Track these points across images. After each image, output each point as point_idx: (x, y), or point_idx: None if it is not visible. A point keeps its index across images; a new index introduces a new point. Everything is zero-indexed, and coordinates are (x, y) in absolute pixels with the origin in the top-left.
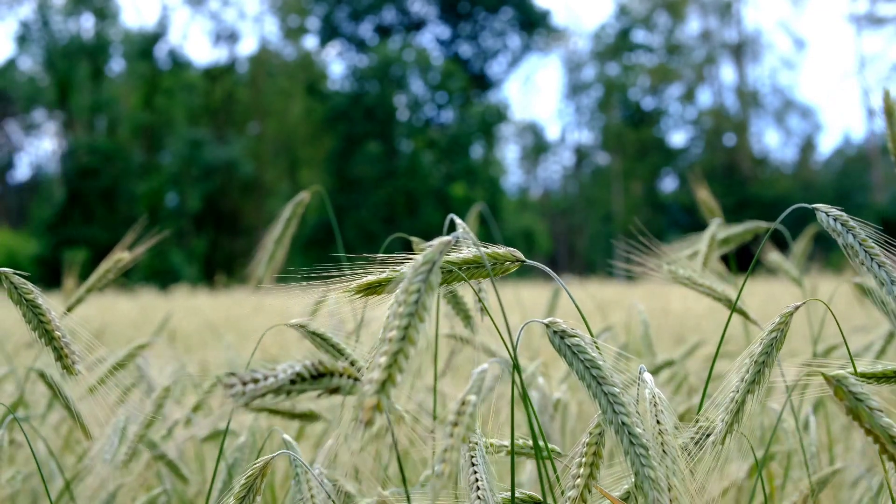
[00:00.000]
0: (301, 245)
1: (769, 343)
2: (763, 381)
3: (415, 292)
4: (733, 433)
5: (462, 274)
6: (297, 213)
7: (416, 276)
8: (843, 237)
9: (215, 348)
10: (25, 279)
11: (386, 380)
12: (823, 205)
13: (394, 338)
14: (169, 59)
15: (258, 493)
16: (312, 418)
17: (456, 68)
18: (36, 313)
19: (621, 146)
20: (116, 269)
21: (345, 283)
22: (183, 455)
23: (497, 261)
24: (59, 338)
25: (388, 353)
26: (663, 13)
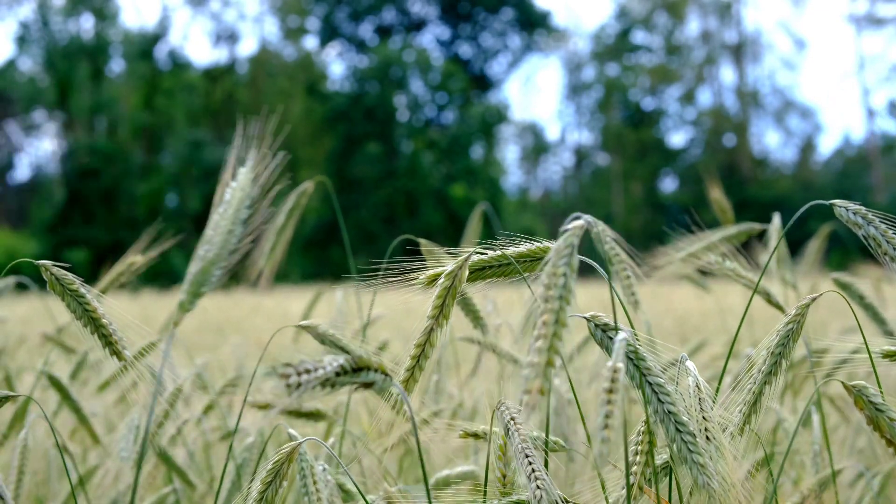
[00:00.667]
0: (301, 246)
1: (786, 334)
2: (779, 372)
3: (561, 275)
4: (751, 424)
5: (518, 267)
6: (300, 203)
7: (560, 259)
8: (864, 229)
9: (221, 349)
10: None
11: (546, 363)
12: (840, 200)
13: (548, 321)
14: (169, 59)
15: (284, 478)
16: (319, 417)
17: (456, 69)
18: (81, 303)
19: (621, 147)
20: (129, 273)
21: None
22: (193, 455)
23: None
24: (107, 325)
25: (544, 337)
26: (663, 14)
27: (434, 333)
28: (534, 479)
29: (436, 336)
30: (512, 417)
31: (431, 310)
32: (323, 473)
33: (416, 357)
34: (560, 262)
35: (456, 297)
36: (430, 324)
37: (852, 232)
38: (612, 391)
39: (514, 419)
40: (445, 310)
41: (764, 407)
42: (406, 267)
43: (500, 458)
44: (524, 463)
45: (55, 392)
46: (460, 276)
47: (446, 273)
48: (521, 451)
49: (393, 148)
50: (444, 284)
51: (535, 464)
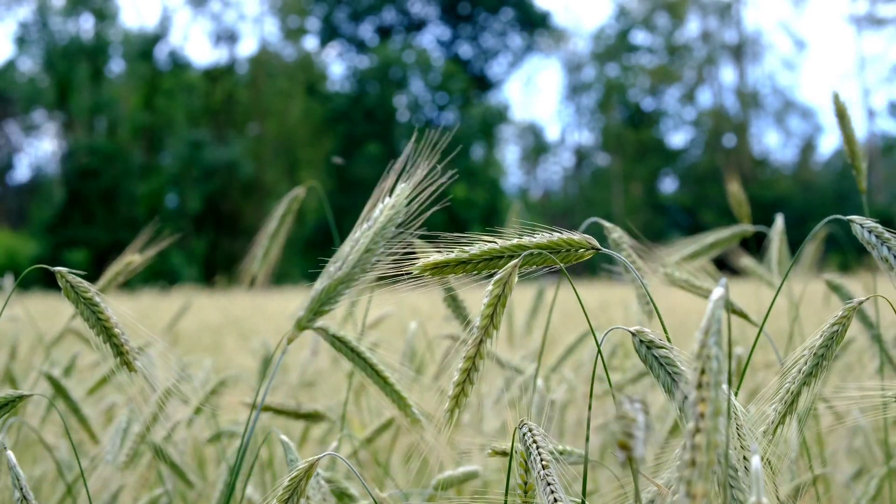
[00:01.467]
0: (300, 247)
1: (830, 336)
2: (820, 374)
3: (714, 358)
4: (785, 424)
5: (542, 255)
6: (293, 208)
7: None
8: (878, 249)
9: (220, 350)
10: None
11: (709, 463)
12: (859, 216)
13: (705, 412)
14: (169, 60)
15: (302, 495)
16: (317, 418)
17: (456, 69)
18: (94, 311)
19: (621, 147)
20: (127, 272)
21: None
22: (183, 456)
23: (571, 247)
24: (119, 335)
25: (703, 431)
26: (663, 14)
27: (483, 345)
28: (550, 493)
29: (485, 348)
30: (535, 441)
31: (482, 319)
32: (315, 479)
33: (466, 370)
34: (710, 340)
35: (506, 305)
36: (480, 335)
37: (851, 235)
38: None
39: (536, 442)
40: (496, 319)
41: (800, 408)
42: (402, 264)
43: (521, 464)
44: (546, 491)
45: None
46: (510, 282)
47: (495, 280)
48: (542, 478)
49: (393, 148)
50: (495, 292)
51: (557, 492)
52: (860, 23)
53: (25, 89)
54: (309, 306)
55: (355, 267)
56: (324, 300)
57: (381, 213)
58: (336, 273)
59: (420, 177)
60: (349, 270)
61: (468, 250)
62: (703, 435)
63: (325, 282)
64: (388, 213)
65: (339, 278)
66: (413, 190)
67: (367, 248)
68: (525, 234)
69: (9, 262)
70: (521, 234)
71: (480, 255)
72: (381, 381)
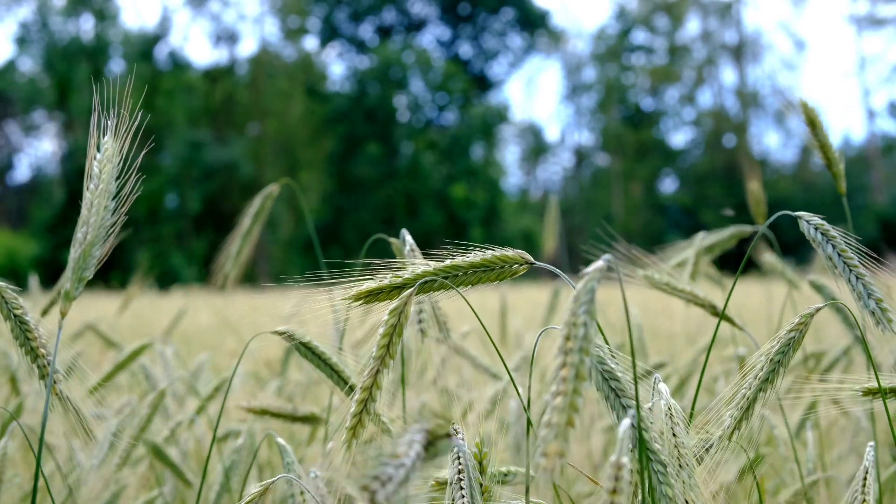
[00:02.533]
0: (300, 247)
1: (786, 342)
2: (776, 380)
3: (581, 325)
4: (741, 430)
5: (476, 274)
6: (266, 206)
7: (580, 306)
8: (822, 247)
9: (219, 350)
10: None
11: (566, 423)
12: (807, 213)
13: (567, 376)
14: (169, 60)
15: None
16: (314, 421)
17: (456, 69)
18: (23, 329)
19: (621, 147)
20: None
21: (345, 289)
22: (185, 457)
23: (506, 263)
24: (44, 356)
25: (563, 394)
26: (663, 14)
27: (381, 375)
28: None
29: (382, 378)
30: (458, 457)
31: (377, 349)
32: (314, 482)
33: (362, 402)
34: (580, 309)
35: (402, 335)
36: (376, 365)
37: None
38: (615, 491)
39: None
40: (391, 349)
41: (756, 414)
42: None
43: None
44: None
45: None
46: (406, 312)
47: (391, 310)
48: (460, 497)
49: (393, 149)
50: (390, 322)
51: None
52: (860, 23)
53: (25, 89)
54: (72, 276)
55: (100, 228)
56: (83, 266)
57: (101, 171)
58: (86, 238)
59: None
60: (96, 232)
61: (401, 275)
62: (562, 397)
63: (78, 249)
64: (107, 170)
65: (91, 241)
66: (121, 145)
67: (105, 206)
68: (458, 253)
69: (9, 263)
70: (454, 255)
71: (414, 278)
72: (349, 389)
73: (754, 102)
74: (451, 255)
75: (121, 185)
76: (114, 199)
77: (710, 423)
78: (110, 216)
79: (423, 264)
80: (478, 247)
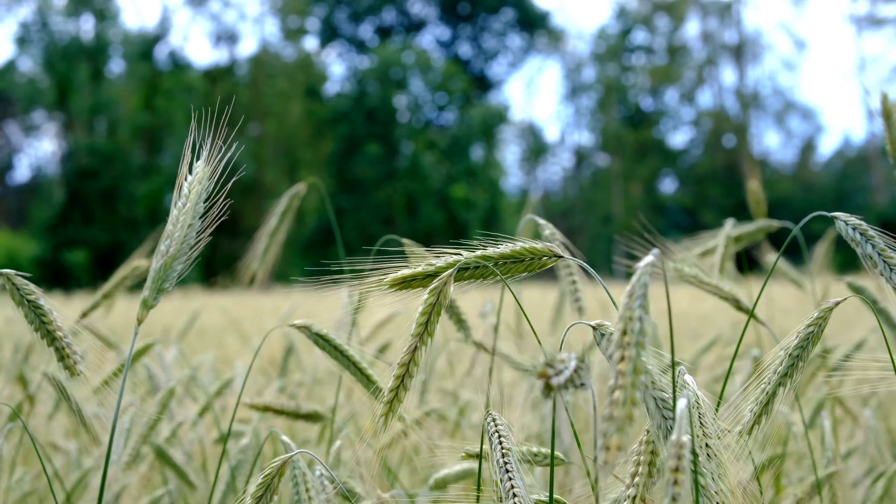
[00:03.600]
0: (301, 247)
1: (805, 337)
2: (796, 374)
3: (637, 319)
4: (761, 425)
5: (497, 270)
6: (293, 206)
7: (634, 300)
8: (862, 247)
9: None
10: (27, 280)
11: (626, 417)
12: (843, 213)
13: (624, 370)
14: (169, 60)
15: (275, 492)
16: (317, 419)
17: (456, 69)
18: (38, 314)
19: (621, 147)
20: (134, 277)
21: (378, 278)
22: (190, 457)
23: (535, 256)
24: (62, 338)
25: (622, 388)
26: (663, 14)
27: (418, 352)
28: (511, 496)
29: (420, 355)
30: (497, 431)
31: (416, 327)
32: (318, 479)
33: (399, 377)
34: (634, 304)
35: (440, 314)
36: (414, 342)
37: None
38: (678, 470)
39: (498, 433)
40: (430, 327)
41: (776, 409)
42: (381, 268)
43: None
44: (505, 478)
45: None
46: (445, 291)
47: (430, 290)
48: (501, 465)
49: (393, 149)
50: (429, 301)
51: (515, 479)
52: (860, 23)
53: (25, 89)
54: (152, 286)
55: (183, 243)
56: (164, 277)
57: (190, 191)
58: (168, 251)
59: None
60: (179, 246)
61: (434, 263)
62: (621, 391)
63: (160, 260)
64: (196, 189)
65: (173, 255)
66: (212, 169)
67: (189, 223)
68: (489, 244)
69: (9, 263)
70: (486, 245)
71: (446, 267)
72: (365, 379)
73: (754, 102)
74: (482, 245)
75: (208, 207)
76: (200, 218)
77: (728, 419)
78: (194, 234)
79: (454, 253)
80: (508, 238)
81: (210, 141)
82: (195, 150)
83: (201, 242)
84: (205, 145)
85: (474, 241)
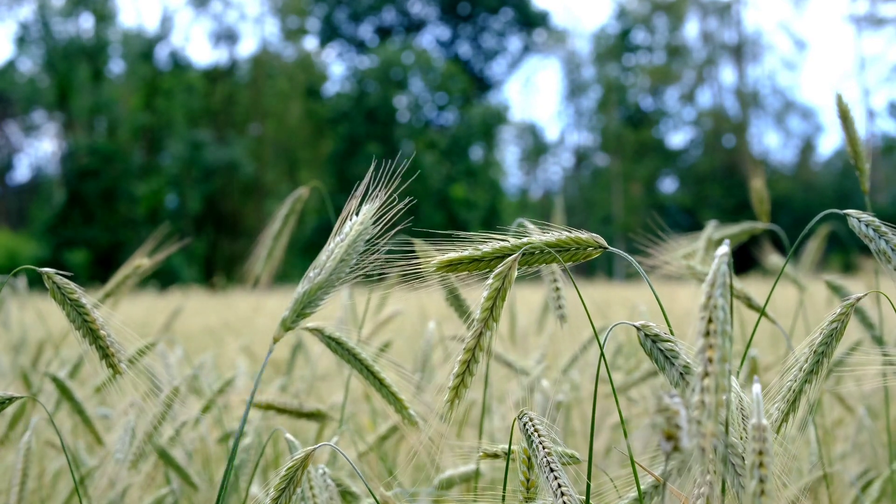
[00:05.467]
0: (301, 248)
1: (829, 333)
2: (821, 371)
3: (721, 308)
4: (788, 423)
5: (551, 254)
6: (296, 209)
7: (717, 289)
8: (875, 243)
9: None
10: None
11: (717, 404)
12: (855, 210)
13: (713, 358)
14: (169, 60)
15: (298, 484)
16: (319, 417)
17: (456, 69)
18: (80, 313)
19: (621, 147)
20: (136, 275)
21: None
22: (191, 456)
23: (580, 246)
24: (105, 337)
25: (712, 375)
26: (663, 14)
27: (483, 337)
28: (560, 495)
29: (485, 340)
30: (536, 429)
31: (481, 312)
32: (322, 477)
33: (465, 362)
34: (716, 292)
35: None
36: (480, 327)
37: (852, 232)
38: (762, 452)
39: (538, 431)
40: (495, 312)
41: (803, 406)
42: (407, 265)
43: (524, 461)
44: (550, 477)
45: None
46: (510, 276)
47: (495, 274)
48: (546, 464)
49: (393, 149)
50: (494, 286)
51: (561, 478)
52: (860, 23)
53: (25, 89)
54: (293, 308)
55: (332, 274)
56: (306, 303)
57: (351, 229)
58: (316, 278)
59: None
60: (327, 277)
61: (481, 248)
62: (711, 378)
63: (306, 286)
64: (358, 230)
65: (319, 283)
66: (377, 211)
67: (342, 258)
68: (535, 232)
69: (9, 263)
70: (531, 233)
71: (493, 252)
72: (378, 382)
73: (754, 102)
74: (526, 233)
75: (367, 248)
76: (357, 255)
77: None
78: (346, 270)
79: (501, 239)
80: (557, 227)
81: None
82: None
83: (349, 279)
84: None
85: (512, 229)
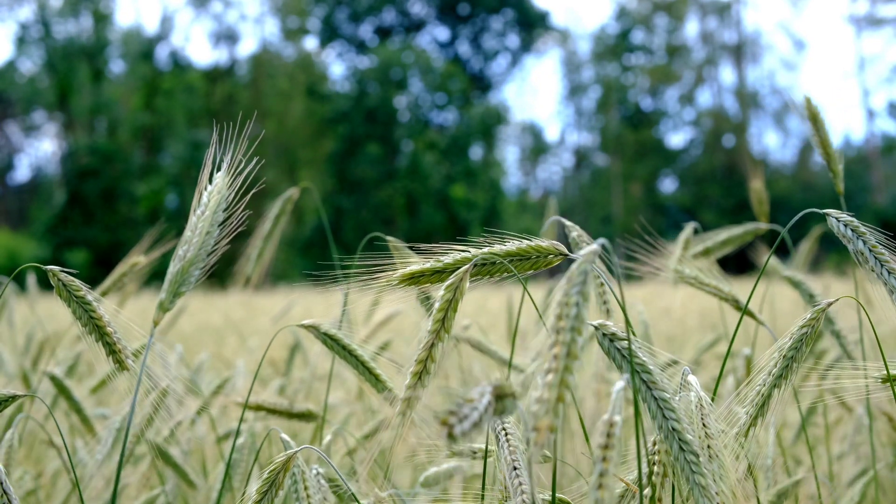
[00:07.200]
0: (300, 247)
1: (799, 338)
2: (790, 376)
3: (574, 305)
4: (757, 426)
5: (509, 265)
6: (287, 209)
7: (573, 287)
8: (853, 243)
9: (221, 351)
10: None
11: (557, 399)
12: (834, 210)
13: (559, 354)
14: (170, 60)
15: (280, 487)
16: (310, 418)
17: (456, 69)
18: (86, 310)
19: (620, 147)
20: (132, 274)
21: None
22: (187, 456)
23: (540, 254)
24: (111, 333)
25: (554, 371)
26: (663, 14)
27: (435, 348)
28: (520, 493)
29: (437, 351)
30: (504, 428)
31: (432, 324)
32: (315, 478)
33: (417, 374)
34: (573, 290)
35: (457, 310)
36: (431, 339)
37: None
38: (607, 447)
39: (505, 430)
40: (447, 323)
41: (772, 410)
42: (376, 267)
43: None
44: (512, 475)
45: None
46: (461, 287)
47: (447, 286)
48: (509, 462)
49: (393, 149)
50: (446, 297)
51: (522, 476)
52: (860, 23)
53: (25, 90)
54: (168, 289)
55: (200, 249)
56: (181, 281)
57: (210, 199)
58: (186, 255)
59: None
60: (196, 252)
61: (442, 260)
62: (554, 374)
63: (178, 265)
64: (216, 199)
65: (190, 259)
66: (231, 180)
67: (207, 230)
68: (495, 241)
69: (9, 263)
70: (492, 243)
71: (454, 263)
72: (373, 378)
73: (754, 102)
74: (487, 242)
75: (227, 216)
76: (218, 226)
77: (724, 420)
78: (212, 241)
79: (462, 250)
80: (514, 236)
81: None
82: (215, 161)
83: (217, 250)
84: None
85: (476, 238)
